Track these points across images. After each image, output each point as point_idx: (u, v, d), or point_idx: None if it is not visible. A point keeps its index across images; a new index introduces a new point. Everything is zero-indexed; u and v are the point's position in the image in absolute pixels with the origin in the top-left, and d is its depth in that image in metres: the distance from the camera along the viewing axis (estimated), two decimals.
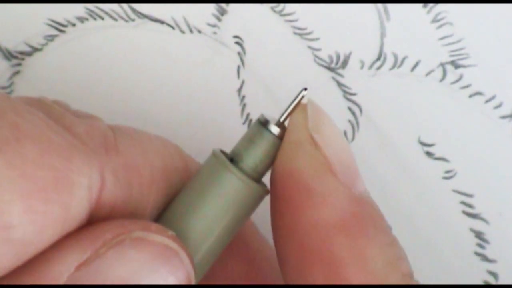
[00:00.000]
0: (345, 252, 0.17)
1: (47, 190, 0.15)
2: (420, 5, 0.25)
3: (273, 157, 0.18)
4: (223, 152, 0.18)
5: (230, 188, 0.17)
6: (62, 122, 0.16)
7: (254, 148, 0.18)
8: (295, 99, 0.18)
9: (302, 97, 0.18)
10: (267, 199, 0.19)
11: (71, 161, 0.15)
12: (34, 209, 0.15)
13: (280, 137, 0.18)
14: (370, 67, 0.25)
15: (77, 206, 0.16)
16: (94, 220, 0.16)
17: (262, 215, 0.20)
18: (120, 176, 0.17)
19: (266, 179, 0.19)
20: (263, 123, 0.18)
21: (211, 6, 0.26)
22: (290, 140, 0.18)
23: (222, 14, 0.26)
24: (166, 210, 0.18)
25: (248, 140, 0.18)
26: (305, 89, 0.18)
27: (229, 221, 0.18)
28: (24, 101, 0.17)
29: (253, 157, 0.18)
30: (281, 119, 0.18)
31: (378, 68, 0.25)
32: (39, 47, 0.27)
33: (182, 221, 0.17)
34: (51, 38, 0.27)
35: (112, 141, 0.17)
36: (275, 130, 0.18)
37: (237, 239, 0.20)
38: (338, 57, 0.25)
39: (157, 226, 0.16)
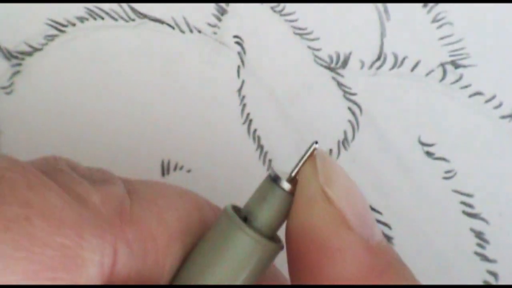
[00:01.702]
0: None
1: (55, 270, 0.15)
2: (420, 5, 0.25)
3: (287, 212, 0.18)
4: (235, 209, 0.18)
5: (245, 248, 0.17)
6: (76, 192, 0.16)
7: (266, 205, 0.18)
8: (306, 153, 0.18)
9: (314, 150, 0.18)
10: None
11: (83, 237, 0.15)
12: None
13: (292, 192, 0.18)
14: (370, 67, 0.25)
15: (87, 283, 0.16)
16: None
17: None
18: (134, 247, 0.17)
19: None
20: (274, 179, 0.18)
21: (211, 6, 0.26)
22: (302, 196, 0.18)
23: (222, 14, 0.26)
24: (180, 271, 0.18)
25: (260, 197, 0.18)
26: (316, 142, 0.18)
27: (244, 279, 0.17)
28: (38, 167, 0.16)
29: (266, 215, 0.18)
30: (293, 174, 0.18)
31: (378, 68, 0.25)
32: (39, 47, 0.27)
33: (197, 282, 0.17)
34: (51, 38, 0.27)
35: (128, 209, 0.17)
36: (286, 186, 0.18)
37: None
38: (338, 57, 0.25)
39: None
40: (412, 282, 0.17)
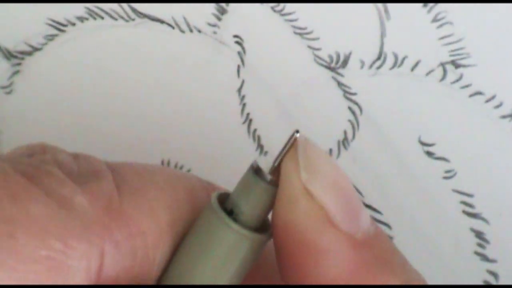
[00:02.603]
0: None
1: (40, 283, 0.15)
2: (420, 5, 0.25)
3: (272, 203, 0.17)
4: (221, 199, 0.18)
5: (231, 243, 0.17)
6: (62, 195, 0.16)
7: (250, 197, 0.17)
8: (287, 143, 0.17)
9: (295, 140, 0.17)
10: None
11: (68, 245, 0.15)
12: None
13: (276, 183, 0.17)
14: (370, 66, 0.25)
15: None
16: None
17: None
18: (123, 246, 0.16)
19: None
20: (256, 171, 0.17)
21: (211, 6, 0.26)
22: (284, 194, 0.17)
23: (222, 14, 0.26)
24: (169, 266, 0.18)
25: (243, 189, 0.18)
26: (297, 131, 0.17)
27: (234, 272, 0.17)
28: (21, 169, 0.16)
29: (251, 206, 0.17)
30: (275, 164, 0.17)
31: (378, 67, 0.25)
32: (39, 46, 0.27)
33: (186, 279, 0.17)
34: (51, 37, 0.27)
35: (116, 206, 0.17)
36: (268, 178, 0.17)
37: None
38: (338, 57, 0.25)
39: None
40: (401, 275, 0.17)
